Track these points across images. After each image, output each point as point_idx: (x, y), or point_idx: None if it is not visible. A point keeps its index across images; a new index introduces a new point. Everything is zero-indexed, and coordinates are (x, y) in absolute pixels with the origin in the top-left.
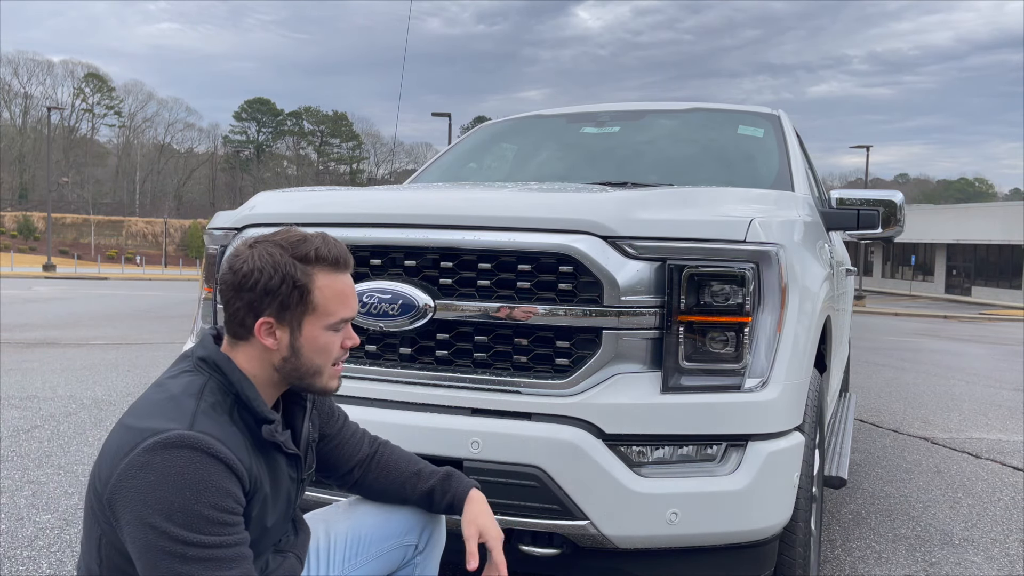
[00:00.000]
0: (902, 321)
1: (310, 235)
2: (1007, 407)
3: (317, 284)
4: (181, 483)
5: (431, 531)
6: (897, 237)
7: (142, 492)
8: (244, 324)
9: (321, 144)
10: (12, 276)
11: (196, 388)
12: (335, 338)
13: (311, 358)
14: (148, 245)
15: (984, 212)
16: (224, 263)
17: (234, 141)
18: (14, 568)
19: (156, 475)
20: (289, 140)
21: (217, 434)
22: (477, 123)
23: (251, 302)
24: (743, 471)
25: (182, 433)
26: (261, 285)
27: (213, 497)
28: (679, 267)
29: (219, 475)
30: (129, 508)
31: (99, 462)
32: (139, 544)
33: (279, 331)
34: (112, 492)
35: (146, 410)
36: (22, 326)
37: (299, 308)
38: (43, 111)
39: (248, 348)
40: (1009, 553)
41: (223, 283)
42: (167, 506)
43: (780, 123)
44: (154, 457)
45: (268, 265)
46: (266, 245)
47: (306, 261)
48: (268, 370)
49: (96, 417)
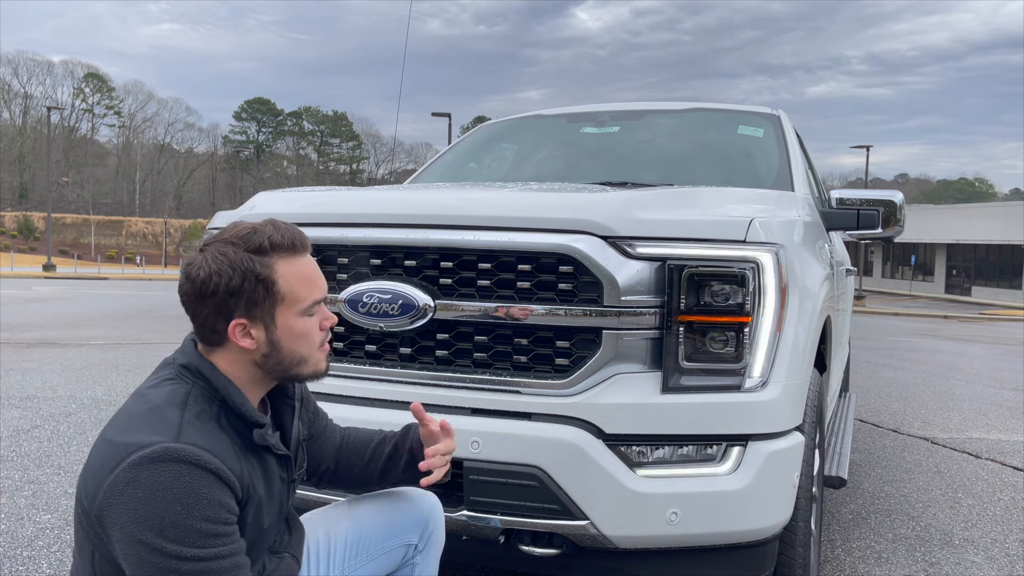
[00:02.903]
0: (902, 321)
1: (258, 225)
2: (1007, 407)
3: (279, 273)
4: (171, 498)
5: (431, 530)
6: (897, 237)
7: (131, 509)
8: (216, 330)
9: (321, 144)
10: (12, 276)
11: (179, 397)
12: (312, 322)
13: (292, 348)
14: (148, 245)
15: (984, 212)
16: (180, 273)
17: (234, 141)
18: (14, 568)
19: (144, 491)
20: (289, 140)
21: (205, 444)
22: (477, 123)
23: (217, 307)
24: (743, 471)
25: (168, 446)
26: (223, 288)
27: (205, 510)
28: (679, 267)
29: (209, 487)
30: (119, 525)
31: (84, 478)
32: (132, 560)
33: (254, 330)
34: (100, 509)
35: (128, 423)
36: (22, 326)
37: (267, 302)
38: (43, 111)
39: (225, 352)
40: (1009, 553)
41: (183, 294)
42: (158, 522)
43: (780, 123)
44: (141, 473)
45: (225, 266)
46: (217, 246)
47: (261, 252)
48: (251, 369)
49: (96, 417)
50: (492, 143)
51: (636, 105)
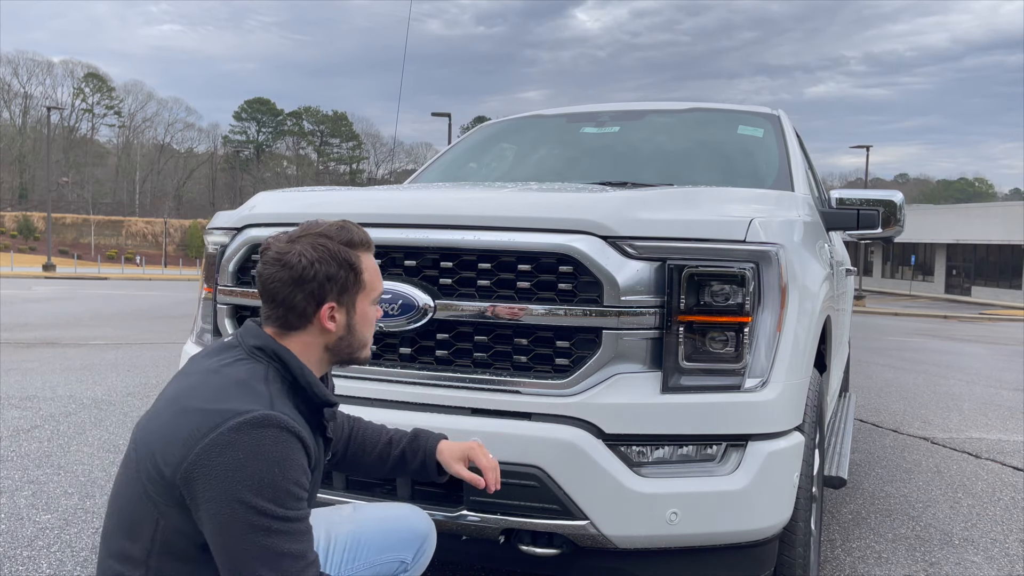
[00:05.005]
0: (902, 321)
1: (343, 223)
2: (1007, 407)
3: (364, 265)
4: (270, 460)
5: (423, 552)
6: (897, 237)
7: (230, 469)
8: (304, 314)
9: (321, 144)
10: (12, 276)
11: (261, 375)
12: (375, 311)
13: (362, 332)
14: (148, 245)
15: (984, 212)
16: (270, 263)
17: (234, 141)
18: (14, 568)
19: (244, 453)
20: (289, 140)
21: (292, 415)
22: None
23: (313, 292)
24: (743, 471)
25: (267, 413)
26: (323, 274)
27: (295, 473)
28: (679, 267)
29: (299, 453)
30: (214, 485)
31: (160, 448)
32: (222, 519)
33: (338, 314)
34: (189, 472)
35: (218, 394)
36: (22, 326)
37: (354, 288)
38: (43, 111)
39: (303, 335)
40: (1009, 553)
41: (275, 280)
42: (256, 482)
43: (780, 123)
44: (241, 436)
45: (325, 255)
46: (311, 238)
47: (352, 246)
48: (320, 353)
49: (96, 417)
50: (492, 143)
51: (636, 105)
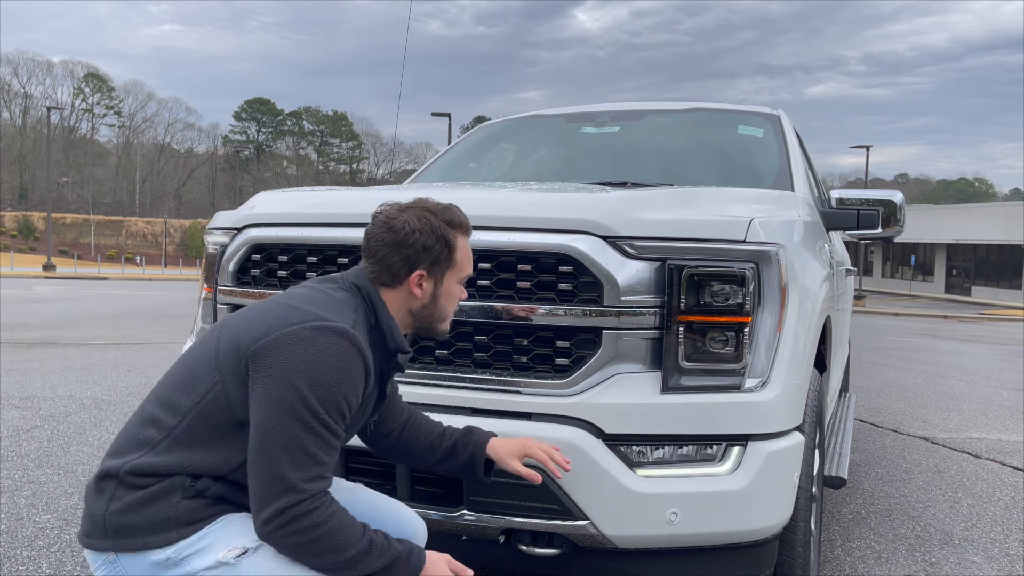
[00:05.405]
0: (902, 321)
1: (447, 205)
2: (1007, 407)
3: (458, 245)
4: (334, 367)
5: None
6: (897, 237)
7: (298, 358)
8: (398, 276)
9: (321, 144)
10: (12, 276)
11: (353, 305)
12: (461, 291)
13: (445, 306)
14: (148, 245)
15: (984, 212)
16: (379, 224)
17: (234, 141)
18: (14, 568)
19: (316, 351)
20: (289, 140)
21: (366, 343)
22: (477, 123)
23: (408, 257)
24: (743, 471)
25: (348, 329)
26: (420, 243)
27: (348, 390)
28: (679, 267)
29: (359, 375)
30: (278, 366)
31: (246, 327)
32: (271, 397)
33: (426, 283)
34: (262, 348)
35: (314, 301)
36: (22, 326)
37: (445, 263)
38: (43, 111)
39: (393, 293)
40: (1009, 553)
41: (379, 239)
42: (316, 378)
43: (780, 123)
44: (320, 336)
45: (427, 227)
46: (418, 211)
47: (451, 226)
48: (403, 314)
49: (96, 417)
50: (492, 143)
51: (636, 105)
